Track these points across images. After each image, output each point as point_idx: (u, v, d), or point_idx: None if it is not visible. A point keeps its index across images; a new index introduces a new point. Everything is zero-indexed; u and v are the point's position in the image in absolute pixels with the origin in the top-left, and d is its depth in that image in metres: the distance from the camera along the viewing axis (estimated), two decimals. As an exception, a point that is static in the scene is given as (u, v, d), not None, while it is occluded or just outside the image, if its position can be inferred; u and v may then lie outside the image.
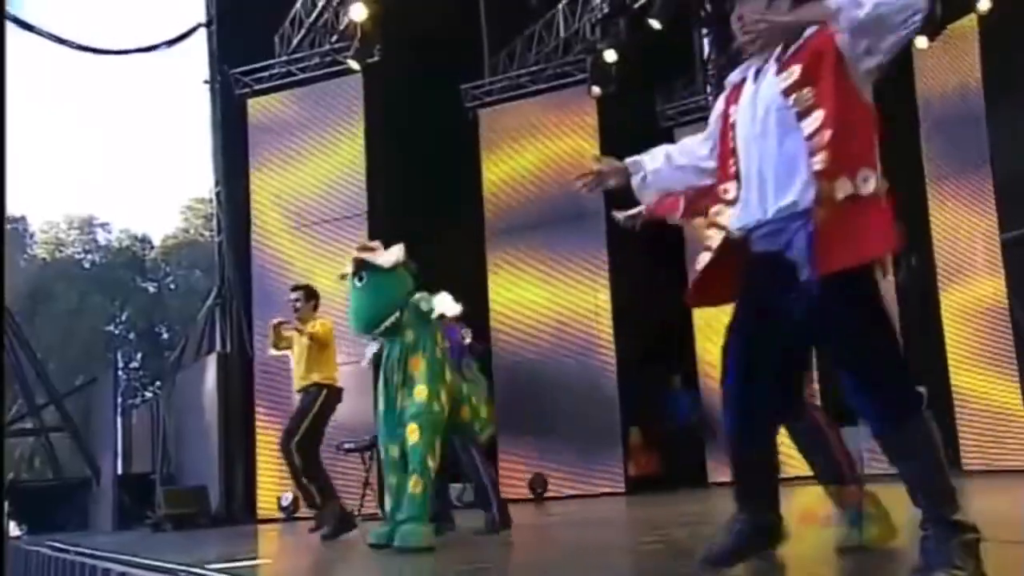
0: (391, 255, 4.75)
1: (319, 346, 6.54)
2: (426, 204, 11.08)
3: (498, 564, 4.03)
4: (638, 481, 11.41)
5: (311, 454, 6.48)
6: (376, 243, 4.89)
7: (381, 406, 4.77)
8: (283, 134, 11.63)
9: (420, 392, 4.63)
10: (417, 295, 4.78)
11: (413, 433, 4.59)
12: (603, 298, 11.31)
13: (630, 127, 11.82)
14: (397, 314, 4.69)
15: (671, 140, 12.26)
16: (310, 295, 6.84)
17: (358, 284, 4.74)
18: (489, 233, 11.84)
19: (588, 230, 11.34)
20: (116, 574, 4.79)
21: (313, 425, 6.53)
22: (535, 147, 11.87)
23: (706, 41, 13.39)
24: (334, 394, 6.61)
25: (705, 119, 3.31)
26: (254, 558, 4.88)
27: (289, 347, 6.80)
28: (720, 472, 11.29)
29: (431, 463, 4.58)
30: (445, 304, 4.81)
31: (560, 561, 3.99)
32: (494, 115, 12.13)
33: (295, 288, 7.12)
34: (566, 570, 3.49)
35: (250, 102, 11.86)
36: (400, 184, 11.43)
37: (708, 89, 13.01)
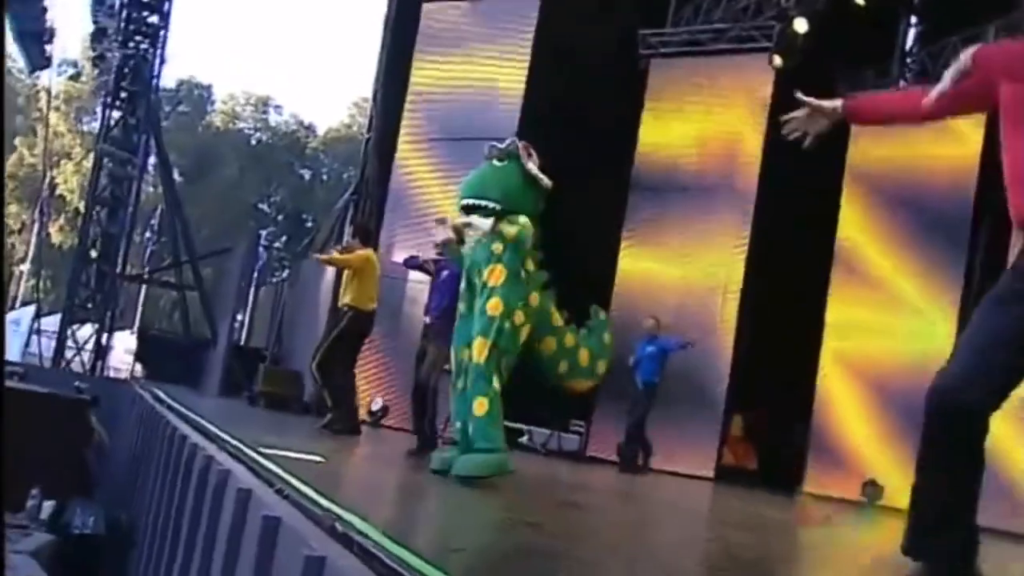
0: (541, 174, 4.53)
1: (354, 272, 7.21)
2: (575, 143, 10.74)
3: (539, 519, 3.80)
4: (729, 470, 10.97)
5: (330, 368, 7.12)
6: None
7: (461, 308, 4.56)
8: (449, 44, 11.51)
9: (494, 306, 4.28)
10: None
11: (479, 349, 4.24)
12: (735, 280, 10.74)
13: (805, 109, 11.06)
14: (498, 207, 4.40)
15: (847, 133, 11.49)
16: (356, 232, 7.91)
17: (495, 163, 4.53)
18: (633, 188, 11.41)
19: (735, 207, 10.77)
20: (180, 433, 4.91)
21: (337, 342, 7.18)
22: (700, 110, 11.30)
23: (912, 31, 12.34)
24: (363, 317, 7.19)
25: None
26: (311, 453, 4.82)
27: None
28: (819, 482, 10.67)
29: (496, 383, 4.21)
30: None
31: (599, 534, 3.74)
32: (665, 68, 11.59)
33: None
34: (598, 546, 3.25)
35: (425, 7, 11.78)
36: (555, 117, 11.12)
37: (901, 84, 12.02)
